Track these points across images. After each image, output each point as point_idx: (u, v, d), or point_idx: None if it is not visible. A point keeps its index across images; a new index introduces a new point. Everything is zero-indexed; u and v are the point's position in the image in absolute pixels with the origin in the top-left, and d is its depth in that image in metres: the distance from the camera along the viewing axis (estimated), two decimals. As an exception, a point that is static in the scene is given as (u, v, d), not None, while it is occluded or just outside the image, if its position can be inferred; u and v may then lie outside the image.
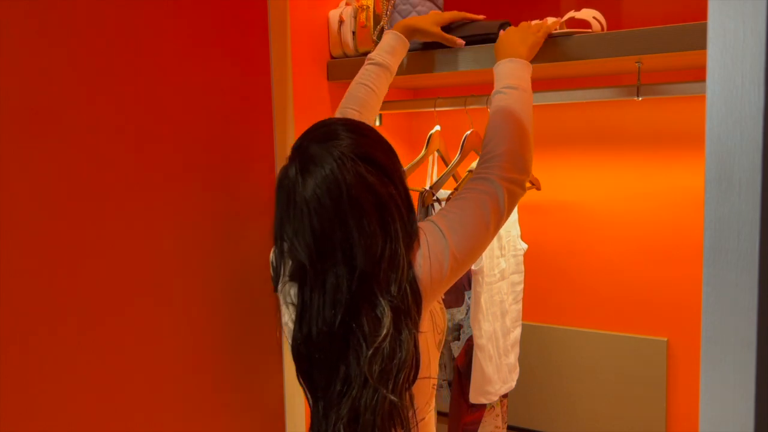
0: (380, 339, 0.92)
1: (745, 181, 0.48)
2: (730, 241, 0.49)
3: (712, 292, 0.51)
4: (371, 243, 0.94)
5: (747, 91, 0.48)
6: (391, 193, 0.97)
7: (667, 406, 1.76)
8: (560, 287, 1.89)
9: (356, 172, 0.95)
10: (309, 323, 0.97)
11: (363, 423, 0.94)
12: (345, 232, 0.94)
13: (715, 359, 0.51)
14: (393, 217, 0.96)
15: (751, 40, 0.47)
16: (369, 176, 0.95)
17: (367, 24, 1.58)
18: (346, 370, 0.95)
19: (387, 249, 0.95)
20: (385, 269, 0.94)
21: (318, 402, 1.00)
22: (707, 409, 0.52)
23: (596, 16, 1.38)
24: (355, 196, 0.94)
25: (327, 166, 0.94)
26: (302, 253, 0.96)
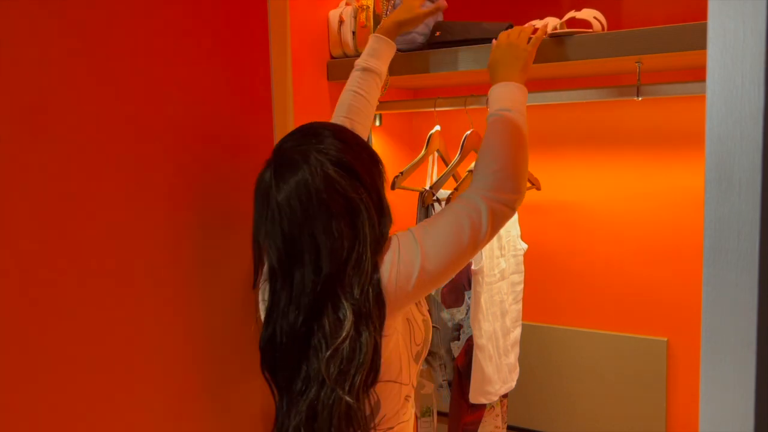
0: (339, 340, 0.94)
1: (745, 181, 0.48)
2: (730, 241, 0.49)
3: (712, 292, 0.51)
4: (338, 246, 0.96)
5: (747, 91, 0.48)
6: (362, 198, 0.98)
7: (667, 406, 1.76)
8: (560, 287, 1.89)
9: (327, 176, 0.97)
10: (274, 322, 1.00)
11: (320, 422, 0.96)
12: (312, 236, 0.96)
13: (715, 359, 0.51)
14: (362, 222, 0.98)
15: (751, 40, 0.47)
16: (341, 181, 0.97)
17: (367, 24, 1.57)
18: (307, 369, 0.97)
19: (353, 253, 0.96)
20: (349, 273, 0.96)
21: (282, 398, 1.02)
22: (707, 409, 0.52)
23: (597, 16, 1.38)
24: (324, 200, 0.96)
25: (300, 172, 0.97)
26: (273, 255, 0.99)
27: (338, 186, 0.96)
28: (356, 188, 0.98)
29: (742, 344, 0.49)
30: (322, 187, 0.96)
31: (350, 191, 0.97)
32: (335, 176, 0.97)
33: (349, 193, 0.97)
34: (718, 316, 0.51)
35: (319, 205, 0.96)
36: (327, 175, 0.96)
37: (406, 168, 1.65)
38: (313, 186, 0.96)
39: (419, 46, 1.56)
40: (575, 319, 1.88)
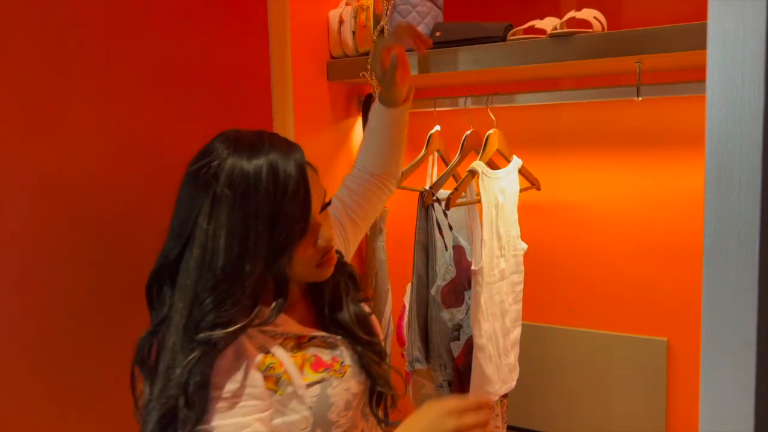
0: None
1: (745, 181, 0.48)
2: (730, 241, 0.49)
3: (712, 292, 0.51)
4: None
5: (747, 91, 0.48)
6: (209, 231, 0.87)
7: (667, 406, 1.76)
8: (560, 287, 1.89)
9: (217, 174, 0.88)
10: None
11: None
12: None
13: (715, 359, 0.51)
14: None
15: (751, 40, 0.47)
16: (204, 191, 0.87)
17: (367, 24, 1.57)
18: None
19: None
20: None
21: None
22: (707, 409, 0.52)
23: (597, 16, 1.38)
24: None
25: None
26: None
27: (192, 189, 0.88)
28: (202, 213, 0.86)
29: (742, 344, 0.49)
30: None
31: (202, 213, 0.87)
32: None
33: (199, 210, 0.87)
34: (718, 316, 0.50)
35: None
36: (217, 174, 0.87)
37: (406, 168, 1.65)
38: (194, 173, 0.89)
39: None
40: (575, 319, 1.88)
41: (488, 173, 1.53)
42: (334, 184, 1.65)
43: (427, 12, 1.57)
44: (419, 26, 1.55)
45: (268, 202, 0.84)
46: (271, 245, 0.85)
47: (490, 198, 1.51)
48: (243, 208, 0.84)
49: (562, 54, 1.35)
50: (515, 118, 1.84)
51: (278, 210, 0.85)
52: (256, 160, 0.86)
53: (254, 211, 0.84)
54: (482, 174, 1.51)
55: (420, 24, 1.55)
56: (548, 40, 1.36)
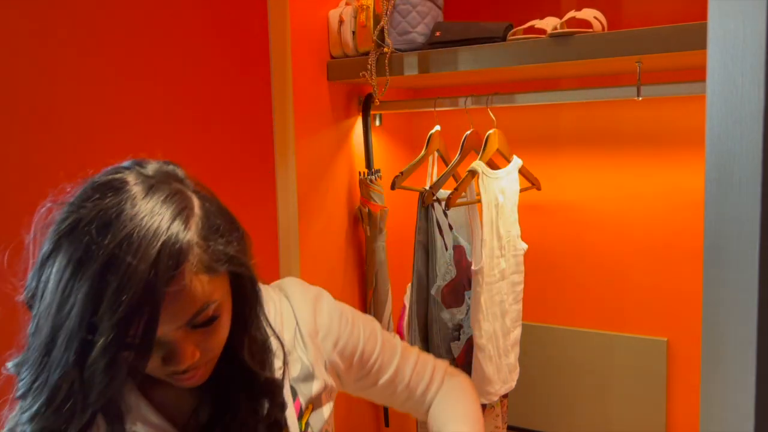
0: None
1: (745, 181, 0.48)
2: (730, 241, 0.49)
3: (712, 292, 0.51)
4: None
5: (747, 91, 0.48)
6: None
7: (667, 406, 1.76)
8: (560, 287, 1.89)
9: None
10: None
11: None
12: None
13: (715, 359, 0.51)
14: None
15: (752, 40, 0.47)
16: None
17: (367, 24, 1.57)
18: None
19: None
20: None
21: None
22: (707, 409, 0.52)
23: (597, 15, 1.38)
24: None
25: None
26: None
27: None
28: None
29: (742, 344, 0.49)
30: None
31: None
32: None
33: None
34: (718, 316, 0.50)
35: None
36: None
37: (406, 168, 1.65)
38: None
39: (419, 46, 1.56)
40: (575, 319, 1.88)
41: (488, 173, 1.53)
42: (334, 184, 1.66)
43: (427, 12, 1.57)
44: (419, 26, 1.56)
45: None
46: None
47: (490, 198, 1.51)
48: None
49: (562, 54, 1.35)
50: (515, 118, 1.84)
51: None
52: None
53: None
54: (482, 174, 1.51)
55: (420, 24, 1.56)
56: (548, 40, 1.35)
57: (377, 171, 1.70)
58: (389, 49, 1.55)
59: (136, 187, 0.63)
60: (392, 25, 1.56)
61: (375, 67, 1.55)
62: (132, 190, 0.63)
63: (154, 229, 0.60)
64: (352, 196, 1.71)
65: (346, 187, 1.69)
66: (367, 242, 1.72)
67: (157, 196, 0.63)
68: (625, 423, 1.81)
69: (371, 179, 1.68)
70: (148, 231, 0.60)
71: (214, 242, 0.65)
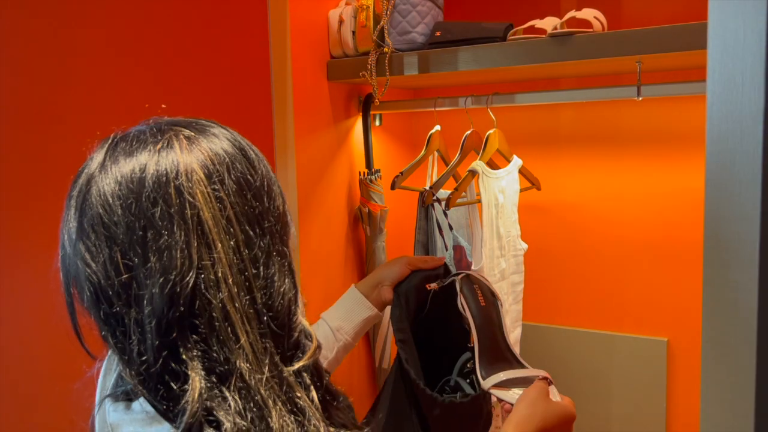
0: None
1: (745, 181, 0.48)
2: (730, 241, 0.49)
3: (712, 292, 0.51)
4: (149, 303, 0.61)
5: (747, 91, 0.48)
6: (223, 240, 0.62)
7: (667, 406, 1.76)
8: (560, 287, 1.89)
9: (184, 173, 0.63)
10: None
11: None
12: (138, 264, 0.62)
13: (715, 359, 0.51)
14: (196, 282, 0.61)
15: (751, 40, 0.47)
16: (202, 190, 0.62)
17: (367, 24, 1.57)
18: None
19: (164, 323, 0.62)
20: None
21: None
22: (707, 409, 0.52)
23: (597, 15, 1.38)
24: (160, 209, 0.62)
25: (143, 153, 0.65)
26: (89, 297, 0.65)
27: (192, 190, 0.60)
28: (220, 207, 0.61)
29: (742, 344, 0.49)
30: (170, 179, 0.60)
31: (206, 207, 0.61)
32: (195, 175, 0.61)
33: (204, 207, 0.60)
34: (718, 316, 0.50)
35: (157, 202, 0.60)
36: (184, 168, 0.61)
37: (406, 168, 1.65)
38: (157, 173, 0.61)
39: (419, 46, 1.56)
40: (575, 319, 1.88)
41: (488, 173, 1.53)
42: (333, 184, 1.65)
43: (427, 12, 1.57)
44: (419, 26, 1.55)
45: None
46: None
47: (490, 198, 1.51)
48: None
49: (562, 54, 1.35)
50: (515, 118, 1.84)
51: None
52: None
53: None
54: (482, 174, 1.51)
55: (420, 24, 1.55)
56: (548, 40, 1.35)
57: (377, 171, 1.70)
58: (389, 49, 1.55)
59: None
60: (392, 25, 1.56)
61: (375, 67, 1.55)
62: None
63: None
64: (352, 196, 1.71)
65: (346, 187, 1.69)
66: (367, 242, 1.72)
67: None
68: (625, 423, 1.81)
69: (371, 179, 1.68)
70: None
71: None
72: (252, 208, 0.63)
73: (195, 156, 0.62)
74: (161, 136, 0.64)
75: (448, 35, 1.51)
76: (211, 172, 0.62)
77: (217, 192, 0.61)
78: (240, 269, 0.61)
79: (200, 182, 0.61)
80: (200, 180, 0.61)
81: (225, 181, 0.62)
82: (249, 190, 0.64)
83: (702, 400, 0.52)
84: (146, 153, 0.62)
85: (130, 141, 0.64)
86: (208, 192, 0.61)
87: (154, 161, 0.61)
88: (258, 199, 0.64)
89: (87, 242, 0.61)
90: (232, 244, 0.61)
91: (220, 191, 0.62)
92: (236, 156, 0.65)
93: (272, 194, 0.67)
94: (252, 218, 0.63)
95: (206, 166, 0.62)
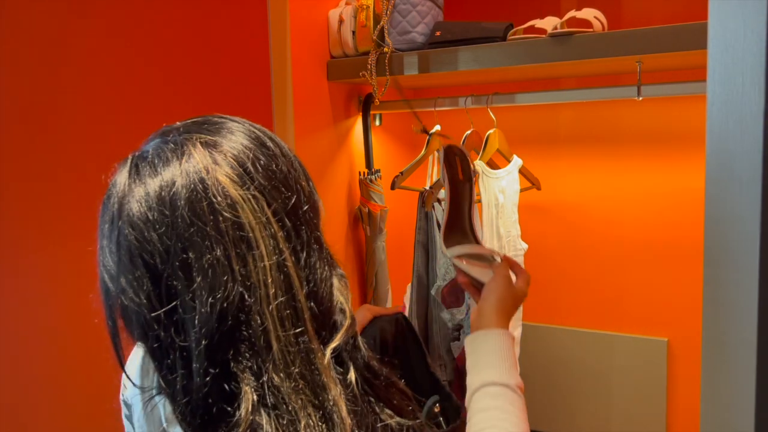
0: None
1: (745, 181, 0.48)
2: (730, 241, 0.49)
3: (712, 292, 0.51)
4: (216, 291, 0.59)
5: (747, 91, 0.48)
6: (266, 225, 0.63)
7: (667, 406, 1.76)
8: (560, 287, 1.89)
9: (211, 180, 0.61)
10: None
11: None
12: (184, 269, 0.60)
13: (715, 359, 0.51)
14: (257, 260, 0.61)
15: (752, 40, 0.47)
16: (233, 192, 0.61)
17: (367, 23, 1.57)
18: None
19: (241, 303, 0.61)
20: (238, 336, 0.61)
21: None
22: (707, 409, 0.52)
23: (597, 15, 1.38)
24: (201, 215, 0.61)
25: (169, 169, 0.63)
26: (132, 303, 0.61)
27: (224, 195, 0.60)
28: (256, 208, 0.61)
29: (742, 344, 0.49)
30: (200, 194, 0.59)
31: (244, 208, 0.60)
32: (224, 180, 0.60)
33: (241, 209, 0.60)
34: (718, 316, 0.50)
35: (191, 220, 0.59)
36: (210, 177, 0.60)
37: (406, 168, 1.65)
38: (183, 189, 0.60)
39: (419, 45, 1.56)
40: (575, 319, 1.88)
41: (488, 173, 1.53)
42: (333, 185, 1.65)
43: (428, 11, 1.57)
44: (419, 26, 1.55)
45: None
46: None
47: (490, 198, 1.51)
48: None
49: (562, 54, 1.35)
50: (515, 118, 1.84)
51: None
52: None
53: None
54: (482, 174, 1.51)
55: (420, 24, 1.55)
56: (548, 40, 1.35)
57: (377, 171, 1.70)
58: (389, 49, 1.54)
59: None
60: (392, 25, 1.56)
61: (375, 66, 1.54)
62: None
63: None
64: (352, 196, 1.71)
65: (346, 187, 1.69)
66: (367, 242, 1.72)
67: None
68: (626, 423, 1.81)
69: (371, 179, 1.68)
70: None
71: None
72: (286, 199, 0.63)
73: (218, 162, 0.61)
74: (180, 149, 0.62)
75: (448, 35, 1.51)
76: (239, 174, 0.61)
77: (249, 191, 0.61)
78: (280, 266, 0.61)
79: (231, 187, 0.60)
80: (230, 185, 0.60)
81: (254, 178, 0.62)
82: (277, 180, 0.63)
83: (702, 400, 0.52)
84: (170, 171, 0.60)
85: (151, 162, 0.62)
86: (241, 195, 0.60)
87: (180, 180, 0.60)
88: (288, 187, 0.64)
89: (128, 276, 0.60)
90: (272, 242, 0.61)
91: (252, 189, 0.61)
92: (256, 148, 0.64)
93: (297, 176, 0.66)
94: (289, 209, 0.63)
95: (233, 168, 0.61)
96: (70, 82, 1.04)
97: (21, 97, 0.98)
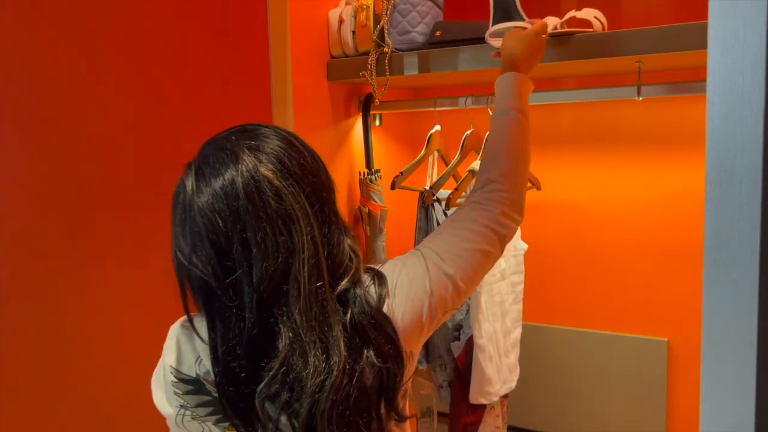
0: (269, 377, 0.80)
1: (745, 181, 0.48)
2: (730, 241, 0.49)
3: (712, 292, 0.51)
4: (270, 259, 0.80)
5: (747, 91, 0.48)
6: (302, 205, 0.82)
7: (667, 406, 1.76)
8: (560, 287, 1.89)
9: (259, 175, 0.81)
10: (224, 362, 0.82)
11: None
12: (244, 246, 0.80)
13: (715, 359, 0.51)
14: (299, 232, 0.81)
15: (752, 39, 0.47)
16: (275, 182, 0.81)
17: (367, 23, 1.57)
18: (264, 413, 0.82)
19: (290, 267, 0.81)
20: (286, 292, 0.81)
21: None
22: (707, 409, 0.52)
23: (597, 15, 1.38)
24: (255, 201, 0.80)
25: (227, 171, 0.82)
26: (204, 273, 0.82)
27: (271, 186, 0.80)
28: (294, 193, 0.82)
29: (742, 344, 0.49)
30: (253, 187, 0.80)
31: (286, 194, 0.81)
32: (269, 175, 0.81)
33: (284, 196, 0.81)
34: (718, 316, 0.50)
35: (249, 207, 0.79)
36: (258, 174, 0.81)
37: (406, 168, 1.65)
38: (241, 185, 0.80)
39: (419, 45, 1.56)
40: (575, 319, 1.88)
41: (488, 173, 1.52)
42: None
43: (428, 11, 1.57)
44: (419, 26, 1.55)
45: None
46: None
47: (490, 198, 1.51)
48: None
49: (562, 54, 1.35)
50: (515, 118, 1.83)
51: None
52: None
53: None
54: (482, 174, 1.51)
55: (420, 23, 1.55)
56: (548, 40, 1.35)
57: (377, 171, 1.70)
58: (389, 49, 1.54)
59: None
60: (392, 25, 1.56)
61: (375, 66, 1.55)
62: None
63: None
64: (352, 196, 1.71)
65: (346, 187, 1.69)
66: (367, 242, 1.72)
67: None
68: (625, 423, 1.81)
69: (371, 179, 1.68)
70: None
71: None
72: (312, 184, 0.84)
73: (262, 161, 0.82)
74: (234, 154, 0.82)
75: (448, 35, 1.51)
76: (279, 169, 0.82)
77: (288, 181, 0.81)
78: (312, 236, 0.82)
79: (275, 179, 0.81)
80: (274, 178, 0.81)
81: (291, 171, 0.82)
82: (306, 170, 0.84)
83: (702, 400, 0.52)
84: (229, 172, 0.81)
85: (213, 165, 0.82)
86: (283, 184, 0.81)
87: (239, 177, 0.80)
88: (313, 175, 0.85)
89: (199, 253, 0.80)
90: (306, 218, 0.82)
91: (290, 179, 0.82)
92: (288, 147, 0.84)
93: (318, 166, 0.87)
94: (315, 192, 0.84)
95: (273, 164, 0.82)
96: (70, 82, 1.04)
97: (20, 97, 0.98)
